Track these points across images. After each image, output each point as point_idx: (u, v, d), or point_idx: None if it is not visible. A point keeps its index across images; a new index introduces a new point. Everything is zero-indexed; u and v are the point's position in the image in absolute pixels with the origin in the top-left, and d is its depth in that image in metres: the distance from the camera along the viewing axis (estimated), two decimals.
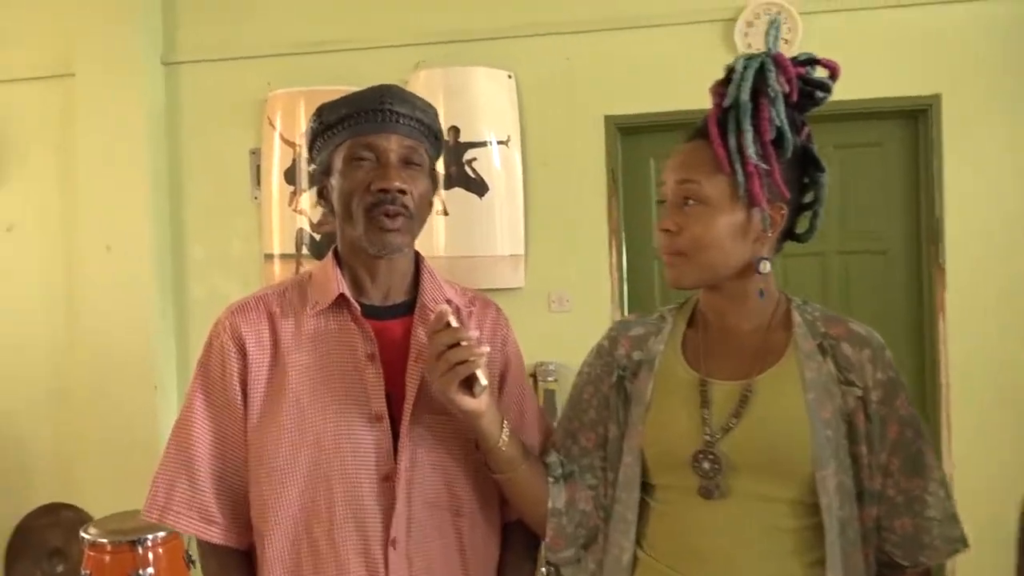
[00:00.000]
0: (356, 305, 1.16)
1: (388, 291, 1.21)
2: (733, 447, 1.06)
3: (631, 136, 3.12)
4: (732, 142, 1.07)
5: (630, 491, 1.13)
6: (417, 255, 1.27)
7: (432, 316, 1.08)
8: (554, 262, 3.10)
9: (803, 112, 1.15)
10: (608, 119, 3.04)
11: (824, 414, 1.06)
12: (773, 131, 1.07)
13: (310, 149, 1.22)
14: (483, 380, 1.05)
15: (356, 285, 1.20)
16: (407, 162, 1.15)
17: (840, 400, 1.07)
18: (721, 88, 1.12)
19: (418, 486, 1.13)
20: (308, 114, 2.35)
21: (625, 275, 3.12)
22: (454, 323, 1.05)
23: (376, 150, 1.14)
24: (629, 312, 3.08)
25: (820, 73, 1.15)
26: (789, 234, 1.19)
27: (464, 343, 1.04)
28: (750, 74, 1.08)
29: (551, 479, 1.18)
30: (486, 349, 1.06)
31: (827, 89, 1.12)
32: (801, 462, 1.04)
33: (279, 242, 3.23)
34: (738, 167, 1.07)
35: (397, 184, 1.12)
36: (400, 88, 1.18)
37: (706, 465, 1.07)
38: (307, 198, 3.19)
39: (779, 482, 1.05)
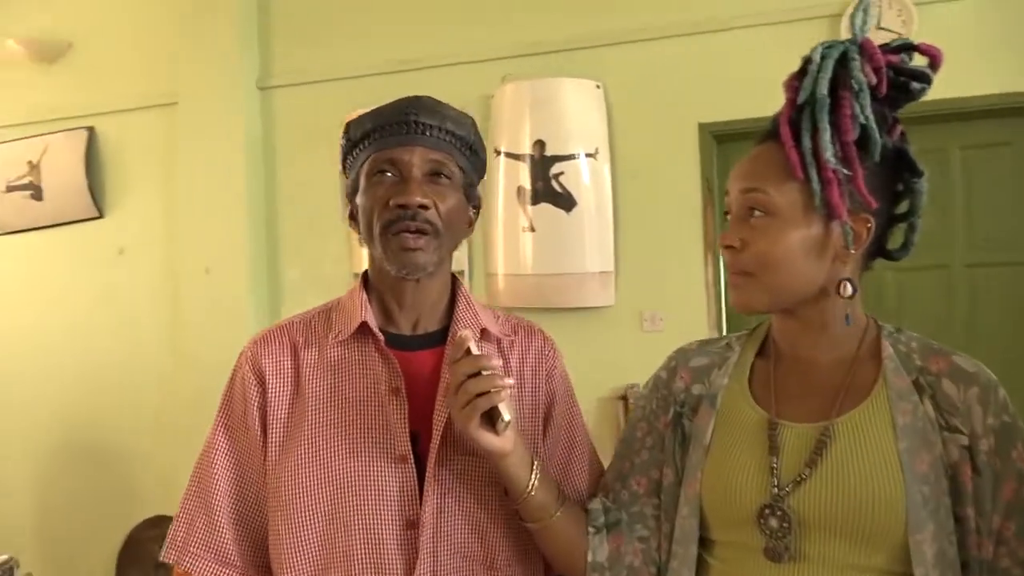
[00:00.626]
0: (379, 334, 1.07)
1: (418, 319, 1.11)
2: (806, 503, 0.90)
3: (727, 144, 2.93)
4: (806, 143, 0.92)
5: (686, 546, 0.98)
6: (454, 279, 1.17)
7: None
8: (646, 279, 2.94)
9: (896, 108, 0.98)
10: (702, 127, 2.87)
11: (920, 466, 0.88)
12: (856, 129, 0.91)
13: (343, 168, 1.14)
14: (506, 415, 0.93)
15: (384, 312, 1.11)
16: (433, 176, 1.06)
17: (941, 449, 0.89)
18: (795, 82, 0.97)
19: (446, 535, 1.02)
20: None
21: (722, 292, 2.92)
22: (475, 350, 0.95)
23: (398, 164, 1.05)
24: (727, 332, 2.88)
25: (919, 61, 0.98)
26: (880, 250, 1.02)
27: (485, 372, 0.93)
28: (830, 64, 0.92)
29: (591, 529, 1.04)
30: (510, 382, 0.95)
31: (925, 79, 0.94)
32: (891, 524, 0.87)
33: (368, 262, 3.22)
34: (813, 172, 0.91)
35: (417, 199, 1.02)
36: (431, 99, 1.09)
37: (773, 523, 0.91)
38: None
39: (863, 547, 0.88)
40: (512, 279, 3.04)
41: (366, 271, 1.15)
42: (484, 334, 1.12)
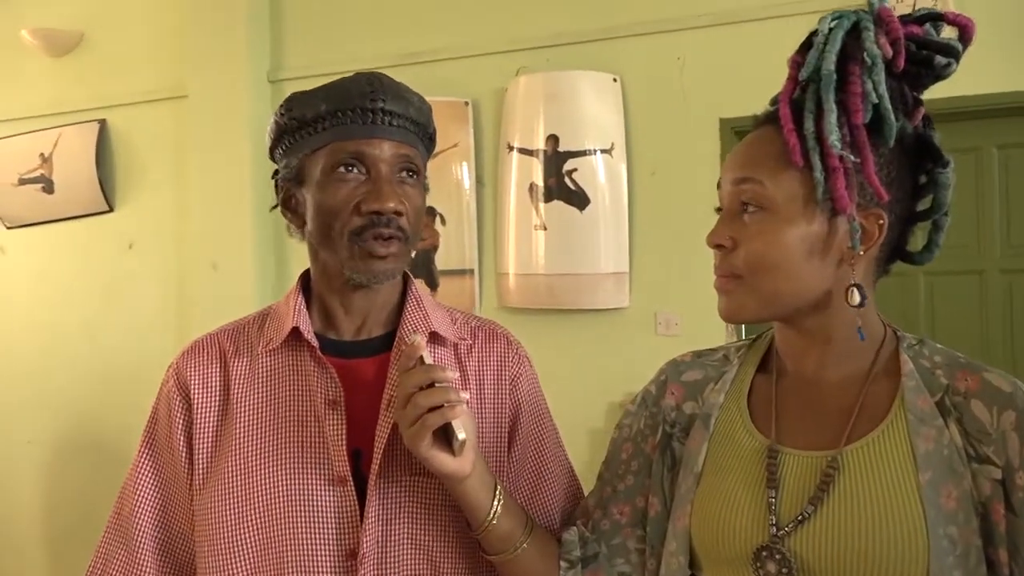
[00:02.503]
0: (313, 340, 0.97)
1: (363, 323, 1.01)
2: (809, 545, 0.78)
3: None
4: (809, 126, 0.80)
5: None
6: (406, 278, 1.05)
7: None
8: (662, 281, 2.82)
9: (919, 87, 0.85)
10: (724, 123, 2.73)
11: (946, 503, 0.76)
12: (868, 110, 0.78)
13: (273, 147, 1.03)
14: (460, 433, 0.82)
15: (326, 317, 1.01)
16: (402, 174, 0.96)
17: (970, 483, 0.77)
18: (799, 57, 0.85)
19: (392, 566, 0.91)
20: None
21: None
22: (428, 359, 0.84)
23: (365, 160, 0.93)
24: (746, 338, 2.75)
25: (947, 34, 0.85)
26: (898, 252, 0.89)
27: (438, 385, 0.82)
28: (839, 36, 0.80)
29: (564, 563, 0.92)
30: (466, 396, 0.84)
31: (952, 53, 0.81)
32: (910, 571, 0.74)
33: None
34: (815, 159, 0.79)
35: (392, 205, 0.92)
36: (390, 79, 0.98)
37: (771, 567, 0.79)
38: None
39: None
40: (523, 279, 2.94)
41: (307, 271, 1.04)
42: (435, 338, 1.01)
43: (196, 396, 0.98)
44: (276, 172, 1.02)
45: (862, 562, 0.75)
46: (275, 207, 1.04)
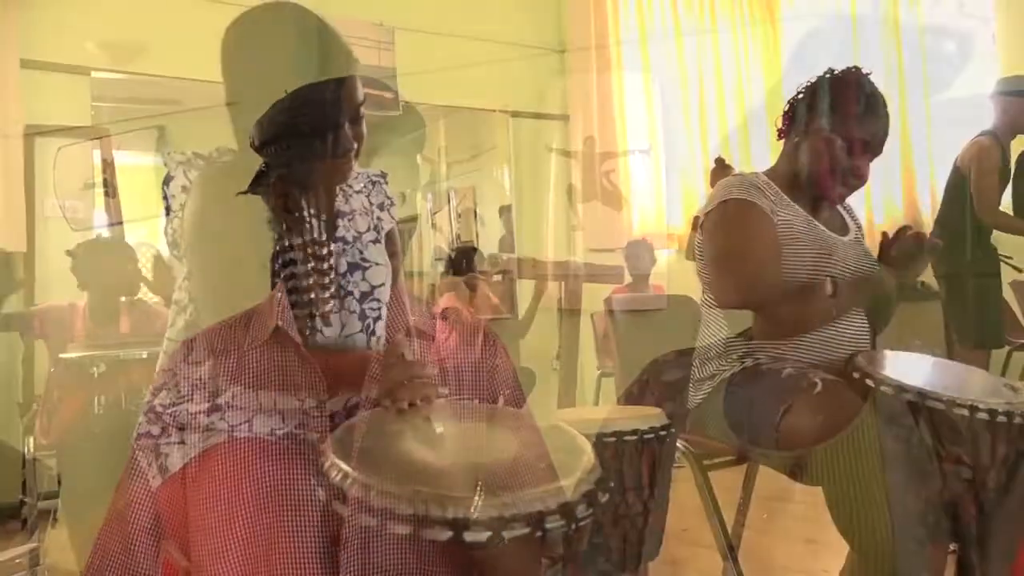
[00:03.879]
0: (297, 337, 1.01)
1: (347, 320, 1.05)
2: (766, 547, 0.78)
3: None
4: (802, 111, 0.81)
5: None
6: None
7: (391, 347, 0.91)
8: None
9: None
10: None
11: (914, 503, 0.75)
12: (861, 101, 0.79)
13: (272, 142, 1.05)
14: (437, 427, 0.85)
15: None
16: None
17: (939, 484, 0.76)
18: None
19: (375, 554, 0.94)
20: (449, 129, 2.27)
21: None
22: (408, 355, 0.87)
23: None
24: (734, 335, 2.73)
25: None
26: None
27: (418, 380, 0.85)
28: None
29: (545, 560, 0.94)
30: (444, 390, 0.87)
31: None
32: (874, 572, 0.74)
33: (416, 260, 3.19)
34: (800, 135, 0.80)
35: None
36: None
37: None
38: (444, 215, 3.14)
39: None
40: (560, 279, 2.95)
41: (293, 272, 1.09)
42: (417, 333, 1.05)
43: (186, 392, 1.03)
44: (267, 166, 1.05)
45: None
46: (245, 192, 1.08)
